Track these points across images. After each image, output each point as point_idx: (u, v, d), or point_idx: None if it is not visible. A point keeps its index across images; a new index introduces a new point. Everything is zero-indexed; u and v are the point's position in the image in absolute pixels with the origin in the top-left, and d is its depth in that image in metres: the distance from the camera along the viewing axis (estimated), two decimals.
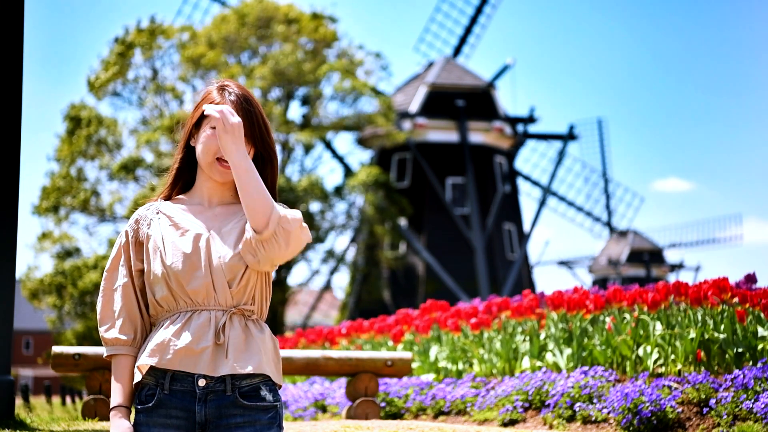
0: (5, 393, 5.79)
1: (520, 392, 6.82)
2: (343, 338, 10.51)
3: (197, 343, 2.55)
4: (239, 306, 2.61)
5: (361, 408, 6.83)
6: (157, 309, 2.65)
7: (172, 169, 2.76)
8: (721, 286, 6.43)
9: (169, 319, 2.61)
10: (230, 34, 29.11)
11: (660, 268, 46.72)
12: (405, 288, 32.25)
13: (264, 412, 2.58)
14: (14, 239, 5.96)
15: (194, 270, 2.59)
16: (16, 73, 5.99)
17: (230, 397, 2.56)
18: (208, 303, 2.59)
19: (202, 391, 2.55)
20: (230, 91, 2.68)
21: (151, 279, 2.63)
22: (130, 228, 2.71)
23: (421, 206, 32.56)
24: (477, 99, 33.89)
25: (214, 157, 2.64)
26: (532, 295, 8.20)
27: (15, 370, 45.26)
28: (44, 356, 28.72)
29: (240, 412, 2.56)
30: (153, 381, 2.58)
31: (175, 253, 2.61)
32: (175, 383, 2.56)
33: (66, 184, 27.71)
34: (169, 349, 2.56)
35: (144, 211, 2.73)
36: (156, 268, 2.62)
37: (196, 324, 2.57)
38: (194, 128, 2.70)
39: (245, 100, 2.66)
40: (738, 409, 5.53)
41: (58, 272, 27.21)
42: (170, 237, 2.64)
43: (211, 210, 2.69)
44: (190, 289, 2.59)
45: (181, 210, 2.70)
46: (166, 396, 2.56)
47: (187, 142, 2.72)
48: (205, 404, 2.55)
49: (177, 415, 2.56)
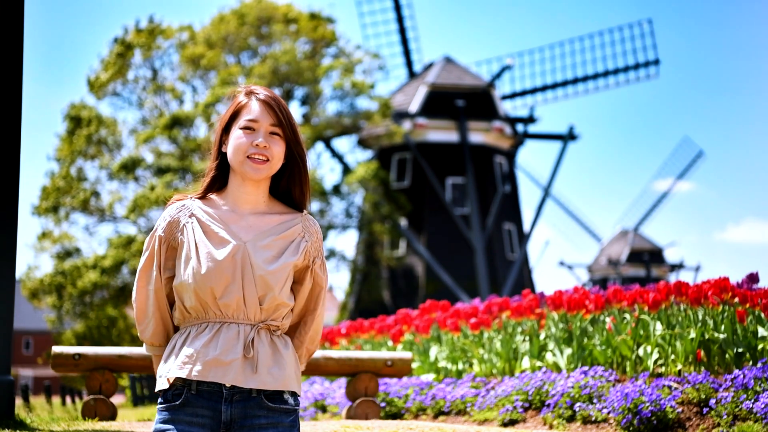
0: (5, 393, 5.79)
1: (520, 392, 6.82)
2: (343, 338, 10.51)
3: (226, 355, 2.57)
4: (266, 321, 2.62)
5: (361, 408, 6.83)
6: (184, 315, 2.65)
7: (207, 174, 2.73)
8: (722, 286, 6.43)
9: (196, 328, 2.62)
10: (229, 34, 29.12)
11: (660, 268, 46.73)
12: (405, 288, 32.24)
13: (286, 415, 2.63)
14: (14, 239, 5.96)
15: (227, 283, 2.59)
16: (16, 73, 5.99)
17: (255, 398, 2.59)
18: (238, 316, 2.60)
19: (228, 392, 2.58)
20: (258, 92, 2.68)
21: (182, 287, 2.62)
22: (162, 231, 2.68)
23: (421, 206, 32.55)
24: (477, 99, 33.88)
25: (245, 155, 2.62)
26: (532, 295, 8.19)
27: (15, 370, 45.26)
28: (44, 356, 28.74)
29: (264, 413, 2.60)
30: (180, 382, 2.60)
31: (209, 264, 2.59)
32: (203, 384, 2.59)
33: (66, 184, 27.71)
34: (198, 361, 2.57)
35: (176, 213, 2.69)
36: (188, 277, 2.60)
37: (225, 336, 2.58)
38: (224, 133, 2.69)
39: (275, 100, 2.66)
40: (738, 409, 5.53)
41: (57, 272, 27.20)
42: (204, 247, 2.62)
43: (245, 219, 2.66)
44: (222, 302, 2.59)
45: (214, 216, 2.66)
46: (193, 396, 2.59)
47: (219, 148, 2.71)
48: (231, 404, 2.59)
49: (203, 414, 2.58)
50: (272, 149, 2.63)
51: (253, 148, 2.61)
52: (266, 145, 2.62)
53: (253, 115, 2.64)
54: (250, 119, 2.64)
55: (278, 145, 2.64)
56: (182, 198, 2.73)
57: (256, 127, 2.63)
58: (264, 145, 2.61)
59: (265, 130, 2.63)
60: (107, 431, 5.66)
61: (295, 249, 2.66)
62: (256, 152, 2.61)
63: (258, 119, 2.63)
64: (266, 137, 2.63)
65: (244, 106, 2.66)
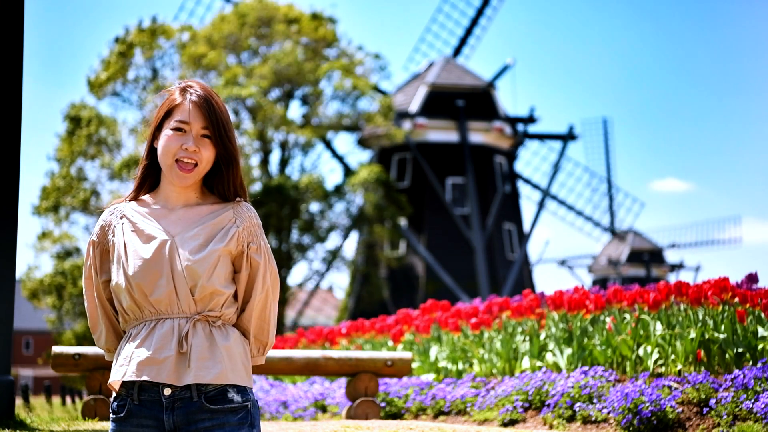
0: (5, 393, 5.79)
1: (520, 392, 6.82)
2: (343, 338, 10.51)
3: (160, 353, 2.53)
4: (203, 312, 2.58)
5: (361, 408, 6.83)
6: (124, 317, 2.63)
7: (137, 171, 2.71)
8: (722, 286, 6.43)
9: (135, 329, 2.60)
10: (230, 34, 29.12)
11: (660, 268, 46.72)
12: (405, 288, 32.24)
13: (233, 414, 2.57)
14: (14, 239, 5.96)
15: (156, 278, 2.56)
16: (16, 73, 5.99)
17: (197, 402, 2.55)
18: (172, 311, 2.57)
19: (168, 400, 2.55)
20: (192, 92, 2.65)
21: (117, 288, 2.62)
22: (95, 236, 2.69)
23: (421, 206, 32.55)
24: (477, 99, 33.89)
25: (173, 158, 2.60)
26: (532, 295, 8.19)
27: (15, 370, 45.26)
28: (44, 356, 28.72)
29: (208, 416, 2.55)
30: (124, 392, 2.58)
31: (136, 262, 2.58)
32: (143, 393, 2.56)
33: (66, 184, 27.71)
34: (133, 361, 2.55)
35: (108, 216, 2.70)
36: (120, 278, 2.60)
37: (159, 333, 2.55)
38: (157, 130, 2.66)
39: (207, 101, 2.63)
40: (738, 409, 5.53)
41: (57, 272, 27.20)
42: (132, 245, 2.61)
43: (174, 213, 2.64)
44: (153, 299, 2.56)
45: (144, 214, 2.65)
46: (135, 406, 2.56)
47: (152, 144, 2.68)
48: (172, 412, 2.55)
49: (147, 424, 2.56)
50: (201, 153, 2.60)
51: (182, 152, 2.59)
52: (196, 149, 2.59)
53: (185, 116, 2.61)
54: (181, 120, 2.62)
55: (207, 148, 2.61)
56: (117, 202, 2.73)
57: (187, 129, 2.61)
58: (193, 149, 2.59)
59: (196, 133, 2.61)
60: (107, 431, 5.66)
61: (224, 235, 2.62)
62: (185, 156, 2.59)
63: (189, 121, 2.61)
64: (197, 140, 2.60)
65: (178, 106, 2.64)
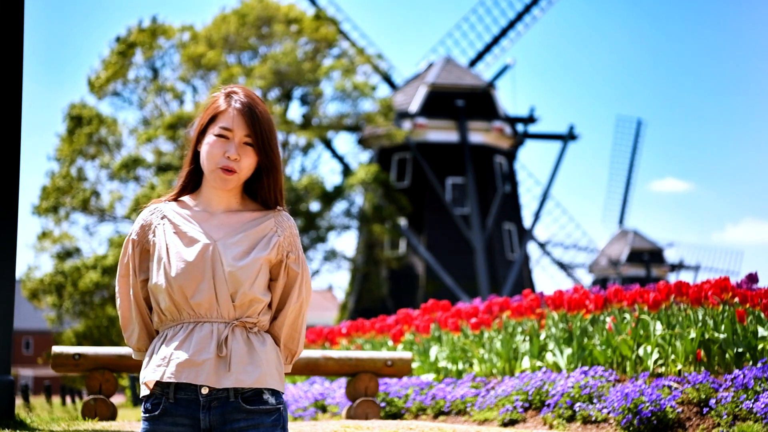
0: (5, 393, 5.79)
1: (520, 392, 6.82)
2: (343, 338, 10.50)
3: (198, 356, 2.56)
4: (241, 319, 2.61)
5: (361, 408, 6.83)
6: (161, 318, 2.65)
7: (181, 173, 2.75)
8: (722, 286, 6.43)
9: (171, 330, 2.62)
10: (231, 34, 29.12)
11: (660, 268, 46.73)
12: (405, 288, 32.24)
13: (267, 415, 2.61)
14: (14, 239, 5.96)
15: (198, 282, 2.59)
16: (17, 73, 5.99)
17: (233, 402, 2.58)
18: (211, 315, 2.60)
19: (205, 399, 2.58)
20: (237, 99, 2.67)
21: (156, 289, 2.64)
22: (135, 234, 2.70)
23: (421, 206, 32.56)
24: (477, 99, 33.88)
25: (217, 165, 2.62)
26: (532, 295, 8.19)
27: (15, 370, 45.25)
28: (44, 356, 28.70)
29: (243, 416, 2.59)
30: (159, 390, 2.60)
31: (179, 264, 2.60)
32: (180, 392, 2.59)
33: (66, 184, 27.70)
34: (172, 362, 2.57)
35: (149, 216, 2.71)
36: (160, 279, 2.62)
37: (198, 336, 2.58)
38: (201, 134, 2.69)
39: (250, 109, 2.65)
40: (738, 409, 5.53)
41: (58, 272, 27.20)
42: (175, 247, 2.63)
43: (216, 217, 2.67)
44: (194, 302, 2.59)
45: (186, 216, 2.68)
46: (171, 405, 2.59)
47: (195, 148, 2.71)
48: (209, 411, 2.58)
49: (182, 423, 2.59)
50: (242, 162, 2.63)
51: (224, 160, 2.62)
52: (237, 157, 2.62)
53: (228, 123, 2.64)
54: (224, 127, 2.64)
55: (249, 156, 2.64)
56: (157, 202, 2.75)
57: (230, 136, 2.63)
58: (235, 158, 2.62)
59: (238, 140, 2.63)
60: (107, 431, 5.66)
61: (266, 244, 2.65)
62: (227, 165, 2.62)
63: (232, 128, 2.63)
64: (239, 147, 2.63)
65: (222, 112, 2.66)
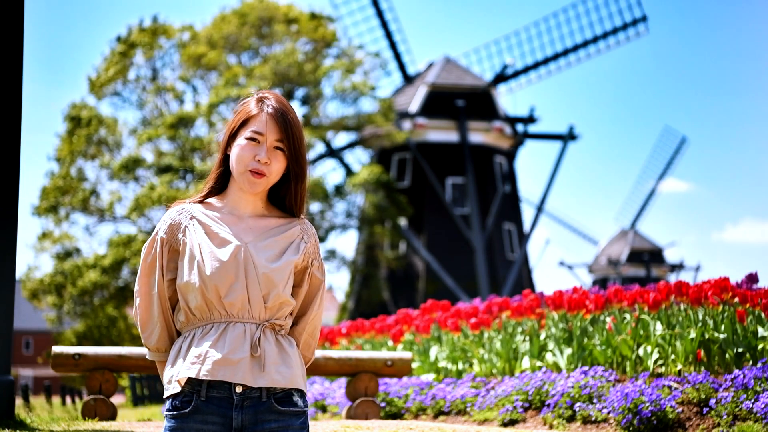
0: (5, 393, 5.79)
1: (520, 392, 6.82)
2: (343, 338, 10.51)
3: (234, 354, 2.58)
4: (271, 320, 2.64)
5: (361, 408, 6.83)
6: (189, 317, 2.66)
7: (210, 176, 2.76)
8: (722, 286, 6.43)
9: (201, 330, 2.63)
10: (231, 34, 29.12)
11: (660, 268, 46.73)
12: (405, 288, 32.24)
13: (296, 417, 2.64)
14: (14, 239, 5.96)
15: (232, 282, 2.61)
16: (16, 73, 5.99)
17: (266, 403, 2.60)
18: (243, 316, 2.62)
19: (239, 398, 2.59)
20: (269, 104, 2.68)
21: (186, 288, 2.64)
22: (164, 233, 2.70)
23: (421, 206, 32.56)
24: (477, 99, 33.89)
25: (246, 168, 2.64)
26: (532, 295, 8.19)
27: (15, 370, 45.26)
28: (44, 356, 28.71)
29: (275, 417, 2.61)
30: (189, 388, 2.60)
31: (213, 263, 2.61)
32: (212, 390, 2.59)
33: (66, 184, 27.70)
34: (207, 360, 2.58)
35: (177, 216, 2.71)
36: (193, 277, 2.62)
37: (231, 336, 2.60)
38: (231, 138, 2.70)
39: (283, 115, 2.67)
40: (738, 409, 5.53)
41: (58, 272, 27.19)
42: (208, 246, 2.64)
43: (244, 221, 2.69)
44: (227, 301, 2.61)
45: (215, 218, 2.69)
46: (202, 402, 2.59)
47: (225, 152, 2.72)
48: (242, 410, 2.59)
49: (213, 421, 2.59)
50: (272, 165, 2.65)
51: (255, 163, 2.64)
52: (267, 161, 2.64)
53: (260, 127, 2.66)
54: (256, 131, 2.66)
55: (279, 161, 2.66)
56: (182, 203, 2.76)
57: (261, 140, 2.66)
58: (265, 161, 2.64)
59: (269, 144, 2.65)
60: (107, 431, 5.66)
61: (296, 249, 2.69)
62: (257, 168, 2.64)
63: (264, 133, 2.65)
64: (269, 151, 2.65)
65: (254, 116, 2.67)
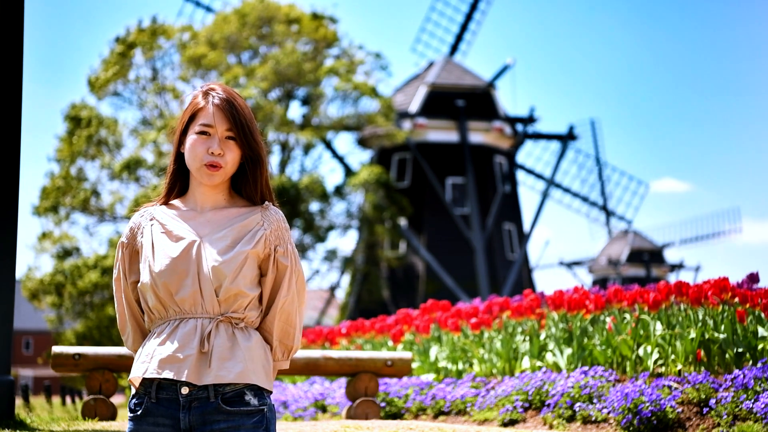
0: (5, 393, 5.79)
1: (520, 392, 6.82)
2: (343, 338, 10.51)
3: (181, 351, 2.56)
4: (227, 314, 2.61)
5: (361, 408, 6.83)
6: (150, 317, 2.67)
7: (166, 175, 2.76)
8: (722, 286, 6.43)
9: (159, 327, 2.63)
10: (231, 34, 29.11)
11: (660, 268, 46.70)
12: (405, 288, 32.24)
13: (248, 417, 2.59)
14: (14, 239, 5.96)
15: (183, 278, 2.60)
16: (16, 74, 5.99)
17: (213, 403, 2.57)
18: (196, 311, 2.60)
19: (185, 399, 2.57)
20: (214, 95, 2.68)
21: (143, 288, 2.65)
22: (125, 237, 2.73)
23: (421, 206, 32.55)
24: (477, 99, 33.89)
25: (201, 162, 2.64)
26: (532, 295, 8.19)
27: (15, 370, 45.25)
28: (44, 356, 28.71)
29: (223, 417, 2.57)
30: (142, 390, 2.61)
31: (163, 260, 2.62)
32: (161, 392, 2.59)
33: (66, 184, 27.70)
34: (154, 358, 2.58)
35: (138, 219, 2.74)
36: (145, 277, 2.64)
37: (182, 332, 2.58)
38: (182, 135, 2.70)
39: (229, 104, 2.66)
40: (738, 409, 5.53)
41: (58, 272, 27.20)
42: (160, 244, 2.65)
43: (203, 215, 2.68)
44: (178, 298, 2.60)
45: (174, 216, 2.70)
46: (152, 404, 2.59)
47: (178, 149, 2.72)
48: (189, 411, 2.57)
49: (163, 423, 2.59)
50: (226, 156, 2.64)
51: (208, 156, 2.63)
52: (220, 152, 2.63)
53: (209, 120, 2.65)
54: (205, 124, 2.65)
55: (232, 150, 2.65)
56: (147, 206, 2.77)
57: (212, 132, 2.65)
58: (219, 153, 2.63)
59: (220, 135, 2.64)
60: (107, 431, 5.66)
61: (251, 238, 2.65)
62: (211, 160, 2.63)
63: (213, 124, 2.64)
64: (222, 142, 2.64)
65: (201, 109, 2.67)
